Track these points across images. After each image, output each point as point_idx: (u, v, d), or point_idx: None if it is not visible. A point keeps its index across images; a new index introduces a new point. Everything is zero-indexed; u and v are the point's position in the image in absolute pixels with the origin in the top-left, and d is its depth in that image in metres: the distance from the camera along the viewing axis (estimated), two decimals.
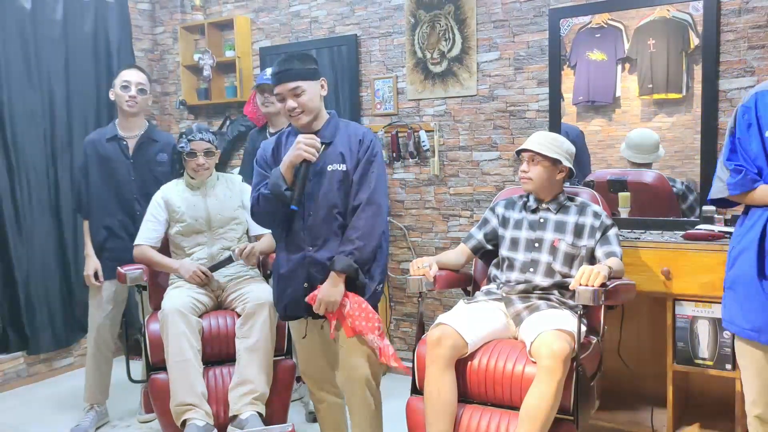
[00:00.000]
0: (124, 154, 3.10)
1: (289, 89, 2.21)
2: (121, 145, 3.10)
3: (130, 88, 3.06)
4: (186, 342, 2.50)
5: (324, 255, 2.27)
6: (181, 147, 2.80)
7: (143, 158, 3.12)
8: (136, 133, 3.13)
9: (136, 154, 3.11)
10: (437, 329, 2.18)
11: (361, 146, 2.29)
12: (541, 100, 3.26)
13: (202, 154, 2.78)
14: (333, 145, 2.29)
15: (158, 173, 3.09)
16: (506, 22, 3.34)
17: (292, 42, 4.04)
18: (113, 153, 3.09)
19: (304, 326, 2.39)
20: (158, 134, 3.25)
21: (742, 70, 2.78)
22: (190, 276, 2.71)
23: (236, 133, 4.28)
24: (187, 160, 2.80)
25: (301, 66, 2.23)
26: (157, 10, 4.63)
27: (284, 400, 2.67)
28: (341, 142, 2.30)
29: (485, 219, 2.59)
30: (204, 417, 2.46)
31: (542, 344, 2.03)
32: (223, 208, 2.84)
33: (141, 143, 3.12)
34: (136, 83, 3.07)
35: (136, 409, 3.26)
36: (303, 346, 2.46)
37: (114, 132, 3.12)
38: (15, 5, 3.66)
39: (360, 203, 2.25)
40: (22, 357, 3.74)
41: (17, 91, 3.66)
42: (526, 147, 2.40)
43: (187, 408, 2.46)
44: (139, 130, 3.14)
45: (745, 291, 1.95)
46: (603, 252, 2.33)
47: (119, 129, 3.13)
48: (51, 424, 3.23)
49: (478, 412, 2.14)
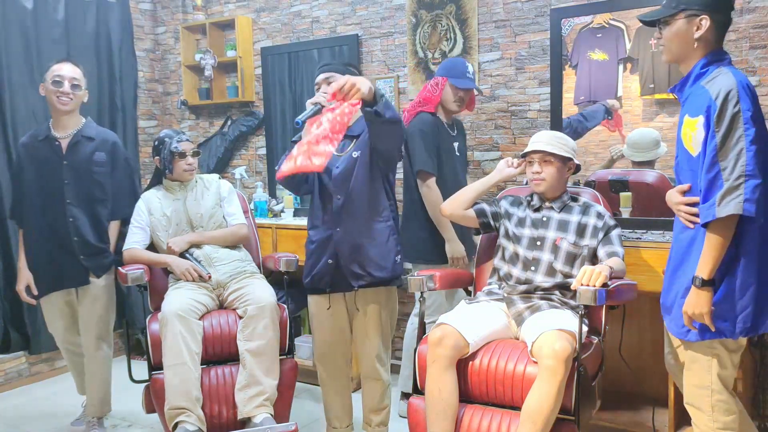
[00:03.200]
0: (57, 155, 2.86)
1: (324, 78, 2.52)
2: (54, 145, 2.86)
3: (62, 83, 2.80)
4: (184, 346, 2.50)
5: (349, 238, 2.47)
6: (174, 148, 2.84)
7: (78, 158, 2.88)
8: (69, 132, 2.89)
9: (70, 154, 2.87)
10: (439, 329, 2.19)
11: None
12: (543, 100, 3.26)
13: (191, 154, 2.86)
14: (361, 138, 2.51)
15: (97, 174, 2.90)
16: (507, 22, 3.34)
17: (294, 42, 4.05)
18: (46, 154, 2.87)
19: (327, 299, 2.55)
20: (96, 131, 2.97)
21: (744, 70, 2.78)
22: (182, 272, 2.73)
23: (237, 133, 4.28)
24: (179, 161, 2.83)
25: (338, 64, 2.61)
26: (158, 9, 4.63)
27: (287, 399, 2.68)
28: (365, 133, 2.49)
29: (494, 201, 2.61)
30: (196, 422, 2.47)
31: (544, 344, 2.03)
32: (200, 206, 2.89)
33: (75, 142, 2.88)
34: (70, 78, 2.81)
35: (137, 409, 3.26)
36: (321, 325, 2.60)
37: (46, 132, 2.89)
38: (16, 5, 3.67)
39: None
40: (24, 356, 3.75)
41: (19, 91, 3.66)
42: (537, 148, 2.39)
43: (180, 412, 2.47)
44: (73, 129, 2.90)
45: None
46: (605, 252, 2.33)
47: (52, 128, 2.89)
48: (52, 423, 3.24)
49: (479, 412, 2.14)
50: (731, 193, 1.78)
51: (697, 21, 1.87)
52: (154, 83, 4.65)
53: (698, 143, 1.87)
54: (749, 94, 1.83)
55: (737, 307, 1.89)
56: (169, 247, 2.80)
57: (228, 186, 3.02)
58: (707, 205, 1.84)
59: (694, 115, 1.88)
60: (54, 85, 2.80)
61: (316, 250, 2.55)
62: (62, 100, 2.81)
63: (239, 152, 4.37)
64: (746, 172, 1.78)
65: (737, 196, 1.78)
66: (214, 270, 2.78)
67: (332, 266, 2.50)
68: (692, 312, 1.89)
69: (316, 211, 2.57)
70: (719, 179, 1.81)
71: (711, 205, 1.82)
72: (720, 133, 1.80)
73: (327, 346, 2.64)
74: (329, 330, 2.61)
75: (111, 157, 2.95)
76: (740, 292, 1.88)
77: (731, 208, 1.78)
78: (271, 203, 3.83)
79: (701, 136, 1.85)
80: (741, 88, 1.82)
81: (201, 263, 2.79)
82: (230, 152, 4.38)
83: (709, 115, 1.82)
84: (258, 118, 4.23)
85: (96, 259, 2.93)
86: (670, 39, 1.93)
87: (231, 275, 2.80)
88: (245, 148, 4.35)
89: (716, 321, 1.90)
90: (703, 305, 1.87)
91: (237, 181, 4.16)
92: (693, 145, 1.90)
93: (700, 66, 1.91)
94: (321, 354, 2.66)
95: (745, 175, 1.78)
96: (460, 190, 2.61)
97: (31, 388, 3.71)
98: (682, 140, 1.94)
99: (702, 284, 1.86)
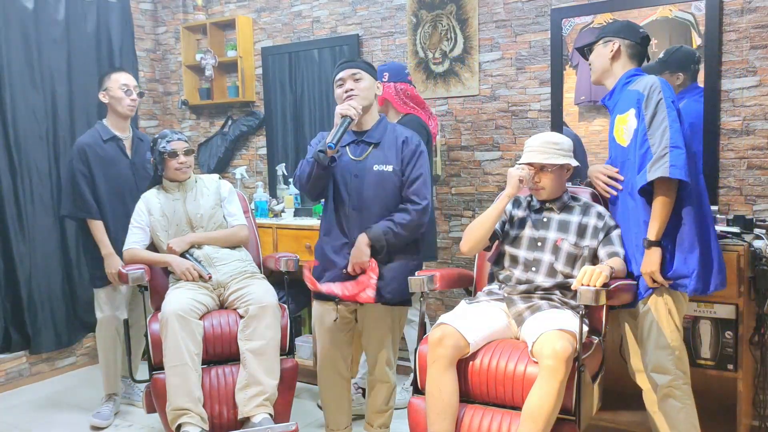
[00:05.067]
0: (124, 154, 3.21)
1: (350, 74, 2.46)
2: (120, 145, 3.20)
3: (131, 92, 3.18)
4: (184, 346, 2.50)
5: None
6: (162, 148, 2.84)
7: (139, 157, 3.24)
8: (128, 134, 3.26)
9: (134, 153, 3.24)
10: (439, 329, 2.19)
11: (406, 147, 2.47)
12: (543, 100, 3.26)
13: (182, 153, 2.86)
14: (380, 147, 2.48)
15: (149, 170, 3.12)
16: (508, 21, 3.34)
17: (294, 42, 4.05)
18: (114, 154, 3.18)
19: (334, 308, 2.52)
20: (143, 134, 3.42)
21: (745, 70, 2.78)
22: (182, 272, 2.73)
23: (238, 133, 4.28)
24: (169, 161, 2.84)
25: (363, 62, 2.54)
26: (159, 10, 4.64)
27: (288, 399, 2.68)
28: (387, 144, 2.49)
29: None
30: (199, 422, 2.48)
31: (544, 344, 2.03)
32: (200, 207, 2.88)
33: (136, 143, 3.26)
34: (134, 86, 3.21)
35: (138, 409, 3.27)
36: (325, 330, 2.58)
37: (111, 133, 3.19)
38: (17, 5, 3.67)
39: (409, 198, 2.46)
40: (25, 356, 3.75)
41: (19, 91, 3.66)
42: (533, 160, 2.36)
43: (183, 413, 2.47)
44: (129, 131, 3.28)
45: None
46: (605, 252, 2.33)
47: (114, 130, 3.20)
48: (53, 423, 3.24)
49: (479, 412, 2.14)
50: (658, 161, 2.13)
51: (611, 45, 2.36)
52: (154, 83, 4.65)
53: (630, 132, 2.25)
54: (669, 87, 2.23)
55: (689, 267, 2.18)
56: (170, 247, 2.80)
57: (228, 186, 3.02)
58: (641, 174, 2.17)
59: (625, 111, 2.27)
60: (125, 94, 3.16)
61: (329, 259, 2.51)
62: (130, 107, 3.19)
63: (240, 152, 4.37)
64: (670, 144, 2.12)
65: (664, 164, 2.11)
66: (214, 270, 2.79)
67: (346, 276, 2.46)
68: (645, 270, 2.20)
69: (330, 214, 2.54)
70: (648, 152, 2.16)
71: (643, 173, 2.16)
72: (648, 115, 2.18)
73: (329, 354, 2.61)
74: (333, 339, 2.59)
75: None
76: (689, 253, 2.18)
77: (659, 172, 2.11)
78: (272, 203, 3.83)
79: (633, 124, 2.24)
80: (662, 82, 2.22)
81: (201, 263, 2.79)
82: (231, 152, 4.38)
83: (639, 104, 2.21)
84: (258, 118, 4.23)
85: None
86: (592, 60, 2.41)
87: (231, 275, 2.80)
88: (246, 148, 4.35)
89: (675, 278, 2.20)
90: (652, 263, 2.18)
91: (237, 181, 4.16)
92: (624, 137, 2.29)
93: (626, 77, 2.33)
94: (323, 360, 2.63)
95: (670, 147, 2.12)
96: (472, 225, 2.41)
97: (32, 388, 3.72)
98: (615, 137, 2.35)
99: (649, 245, 2.19)
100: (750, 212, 2.80)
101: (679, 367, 2.26)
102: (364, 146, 2.50)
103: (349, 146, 2.52)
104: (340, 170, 2.48)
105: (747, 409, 2.60)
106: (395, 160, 2.46)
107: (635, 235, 2.27)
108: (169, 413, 2.49)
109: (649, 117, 2.18)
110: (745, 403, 2.56)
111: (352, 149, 2.51)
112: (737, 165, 2.82)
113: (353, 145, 2.52)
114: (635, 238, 2.28)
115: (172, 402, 2.48)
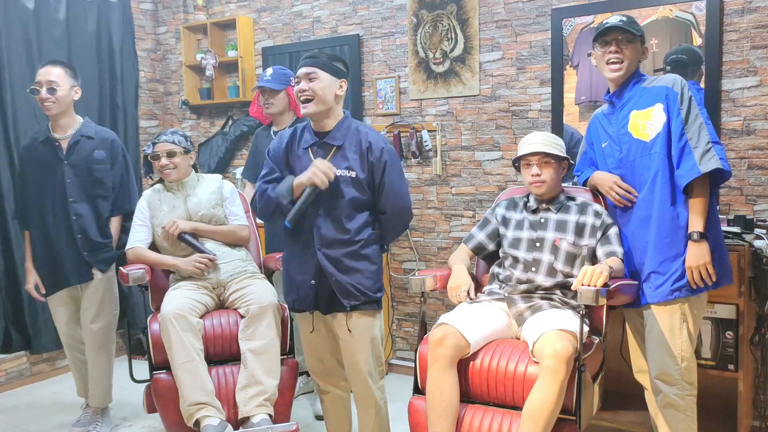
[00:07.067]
0: (57, 156, 2.93)
1: (305, 73, 2.27)
2: (54, 146, 2.93)
3: (38, 90, 2.86)
4: (188, 343, 2.50)
5: (332, 253, 2.30)
6: (145, 150, 2.86)
7: (78, 158, 2.94)
8: (69, 133, 2.96)
9: (70, 154, 2.93)
10: (439, 329, 2.19)
11: (371, 154, 2.29)
12: (544, 100, 3.26)
13: (164, 156, 2.80)
14: (342, 150, 2.31)
15: (98, 171, 2.96)
16: (508, 21, 3.34)
17: (295, 42, 4.05)
18: (46, 156, 2.94)
19: (310, 320, 2.42)
20: (94, 130, 3.03)
21: (745, 70, 2.78)
22: (192, 266, 2.72)
23: (239, 133, 4.28)
24: (154, 162, 2.84)
25: (324, 58, 2.30)
26: (159, 9, 4.64)
27: (288, 399, 2.68)
28: (350, 147, 2.31)
29: (486, 219, 2.59)
30: (216, 414, 2.47)
31: (545, 344, 2.03)
32: (201, 206, 2.87)
33: (75, 142, 2.95)
34: (46, 82, 2.84)
35: (138, 409, 3.27)
36: (308, 340, 2.48)
37: (46, 134, 2.96)
38: (18, 5, 3.67)
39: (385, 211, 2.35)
40: (25, 356, 3.76)
41: (20, 91, 3.66)
42: (535, 150, 2.37)
43: (199, 407, 2.46)
44: (72, 129, 2.97)
45: None
46: (604, 252, 2.33)
47: (51, 130, 2.96)
48: (53, 423, 3.24)
49: (480, 412, 2.14)
50: (707, 154, 2.13)
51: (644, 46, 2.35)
52: (155, 83, 4.66)
53: (656, 127, 2.22)
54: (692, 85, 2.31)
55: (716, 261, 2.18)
56: (173, 222, 2.77)
57: (230, 186, 3.02)
58: (687, 168, 2.15)
59: (647, 106, 2.25)
60: (32, 93, 2.89)
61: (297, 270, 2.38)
62: (45, 106, 2.87)
63: (240, 152, 4.37)
64: (711, 140, 2.15)
65: (712, 157, 2.12)
66: (214, 270, 2.78)
67: (316, 286, 2.33)
68: (696, 264, 2.15)
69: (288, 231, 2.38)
70: (687, 147, 2.16)
71: (692, 166, 2.14)
72: (684, 111, 2.18)
73: (317, 361, 2.52)
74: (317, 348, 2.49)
75: (110, 154, 3.02)
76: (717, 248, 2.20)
77: (713, 164, 2.12)
78: None
79: (661, 119, 2.21)
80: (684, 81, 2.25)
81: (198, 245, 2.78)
82: (231, 152, 4.38)
83: (668, 100, 2.20)
84: None
85: (98, 254, 3.01)
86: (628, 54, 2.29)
87: (232, 275, 2.80)
88: (246, 148, 4.35)
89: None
90: (705, 255, 2.15)
91: (238, 181, 4.17)
92: (648, 132, 2.24)
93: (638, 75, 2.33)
94: (312, 368, 2.55)
95: (712, 142, 2.15)
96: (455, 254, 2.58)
97: (33, 388, 3.72)
98: (631, 133, 2.29)
99: (700, 237, 2.15)
100: (750, 212, 2.80)
101: (686, 379, 2.23)
102: (326, 149, 2.33)
103: (312, 148, 2.34)
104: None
105: (747, 409, 2.60)
106: (359, 166, 2.29)
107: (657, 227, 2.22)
108: (185, 410, 2.47)
109: (686, 113, 2.18)
110: (745, 404, 2.56)
111: (315, 151, 2.33)
112: (738, 165, 2.82)
113: (316, 147, 2.33)
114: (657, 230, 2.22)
115: (187, 398, 2.46)
